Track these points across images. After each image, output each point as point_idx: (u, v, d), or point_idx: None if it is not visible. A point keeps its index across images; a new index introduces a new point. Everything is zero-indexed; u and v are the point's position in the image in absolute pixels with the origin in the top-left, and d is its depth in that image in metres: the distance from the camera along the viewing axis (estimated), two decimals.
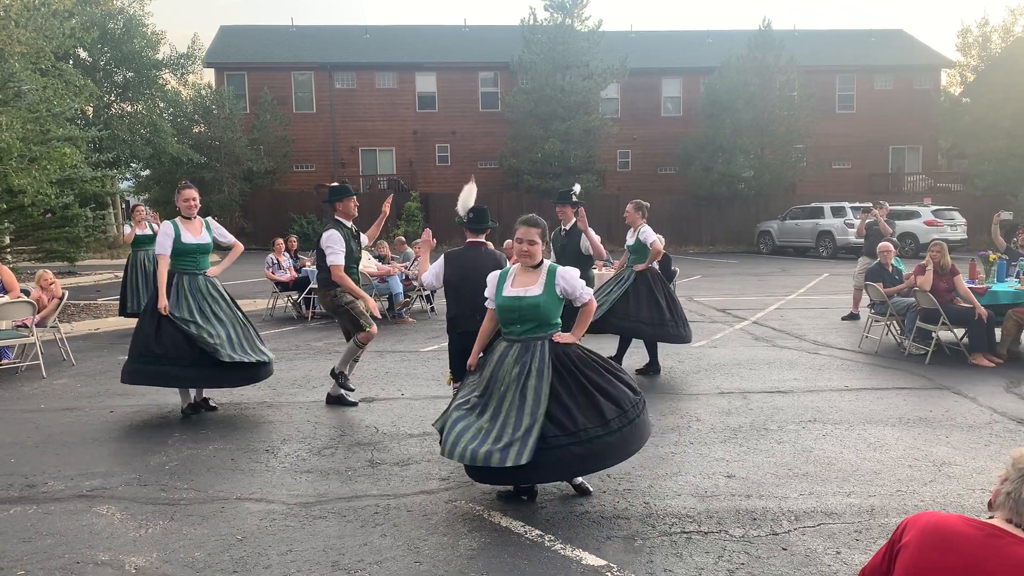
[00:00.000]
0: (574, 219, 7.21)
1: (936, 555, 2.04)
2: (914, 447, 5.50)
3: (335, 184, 6.78)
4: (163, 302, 6.16)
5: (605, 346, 9.19)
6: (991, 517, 2.14)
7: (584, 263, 7.16)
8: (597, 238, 7.18)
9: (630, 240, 7.97)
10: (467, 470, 4.38)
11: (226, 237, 6.79)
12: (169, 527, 4.16)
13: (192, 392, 6.60)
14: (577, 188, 7.43)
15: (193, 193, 6.48)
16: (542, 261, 4.44)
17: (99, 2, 25.94)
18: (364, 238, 7.04)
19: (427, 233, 5.78)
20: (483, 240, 5.44)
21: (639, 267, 7.77)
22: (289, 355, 9.15)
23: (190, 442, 5.73)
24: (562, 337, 4.37)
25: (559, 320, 4.44)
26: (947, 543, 2.05)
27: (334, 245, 6.42)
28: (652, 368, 8.03)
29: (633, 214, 7.92)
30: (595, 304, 4.55)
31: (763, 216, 29.83)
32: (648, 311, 7.68)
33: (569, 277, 4.39)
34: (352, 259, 6.57)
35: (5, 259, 13.26)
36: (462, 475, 4.67)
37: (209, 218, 6.67)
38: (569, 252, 7.20)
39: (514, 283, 4.40)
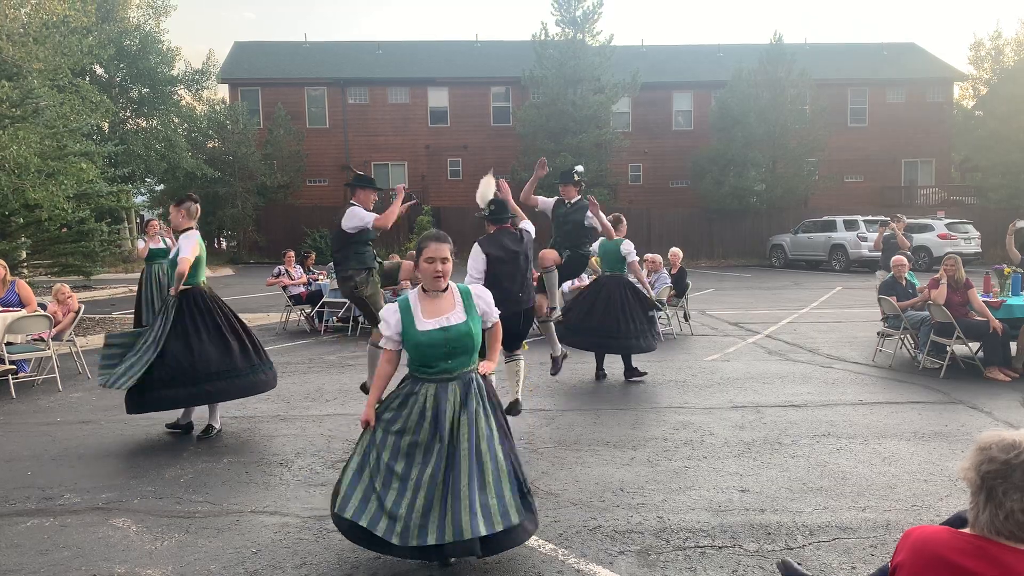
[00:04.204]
0: (577, 196, 7.44)
1: (927, 574, 2.08)
2: (929, 461, 5.46)
3: (363, 174, 6.93)
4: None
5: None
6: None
7: (585, 236, 7.35)
8: (607, 223, 7.42)
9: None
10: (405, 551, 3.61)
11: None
12: (184, 540, 4.19)
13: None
14: (580, 168, 7.69)
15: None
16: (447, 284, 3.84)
17: (116, 19, 26.30)
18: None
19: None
20: (508, 226, 5.82)
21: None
22: (302, 368, 9.19)
23: (205, 455, 5.76)
24: (486, 367, 3.81)
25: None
26: (936, 561, 2.09)
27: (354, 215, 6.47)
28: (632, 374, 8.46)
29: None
30: (499, 323, 4.06)
31: (775, 230, 29.78)
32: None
33: (483, 294, 3.89)
34: (366, 237, 6.58)
35: (22, 273, 13.40)
36: None
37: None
38: (571, 222, 7.33)
39: (426, 313, 3.71)
